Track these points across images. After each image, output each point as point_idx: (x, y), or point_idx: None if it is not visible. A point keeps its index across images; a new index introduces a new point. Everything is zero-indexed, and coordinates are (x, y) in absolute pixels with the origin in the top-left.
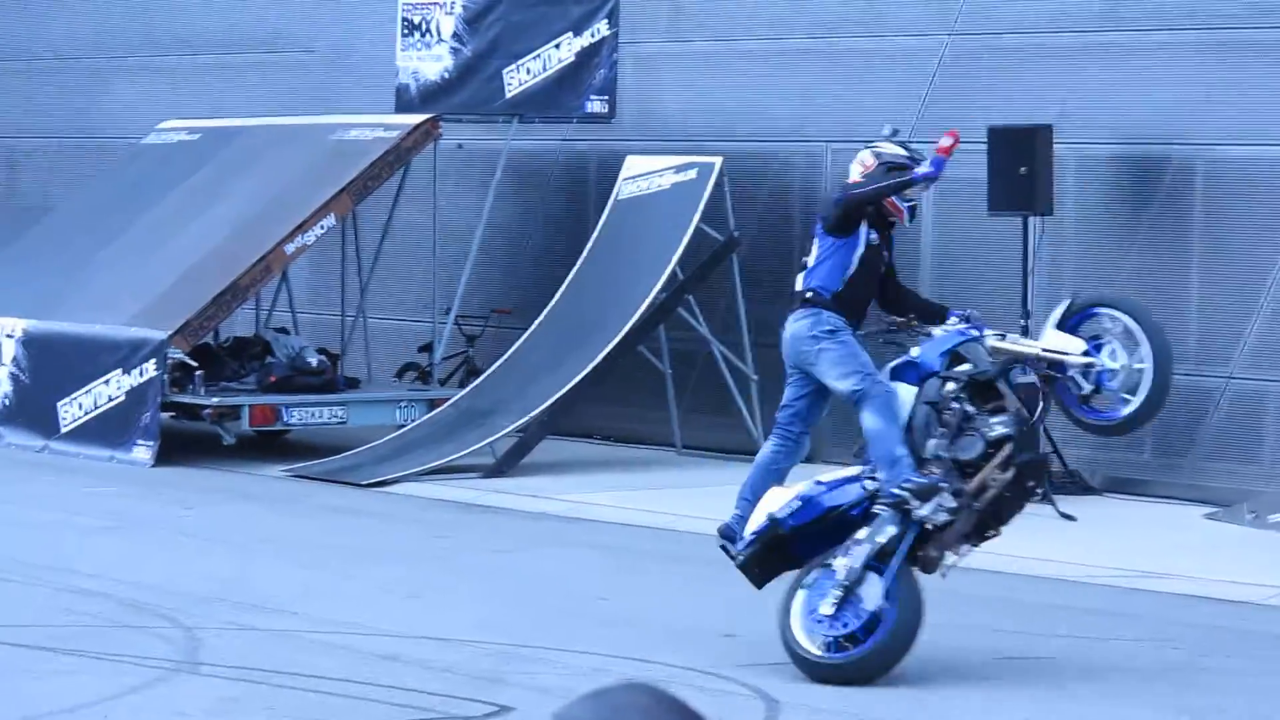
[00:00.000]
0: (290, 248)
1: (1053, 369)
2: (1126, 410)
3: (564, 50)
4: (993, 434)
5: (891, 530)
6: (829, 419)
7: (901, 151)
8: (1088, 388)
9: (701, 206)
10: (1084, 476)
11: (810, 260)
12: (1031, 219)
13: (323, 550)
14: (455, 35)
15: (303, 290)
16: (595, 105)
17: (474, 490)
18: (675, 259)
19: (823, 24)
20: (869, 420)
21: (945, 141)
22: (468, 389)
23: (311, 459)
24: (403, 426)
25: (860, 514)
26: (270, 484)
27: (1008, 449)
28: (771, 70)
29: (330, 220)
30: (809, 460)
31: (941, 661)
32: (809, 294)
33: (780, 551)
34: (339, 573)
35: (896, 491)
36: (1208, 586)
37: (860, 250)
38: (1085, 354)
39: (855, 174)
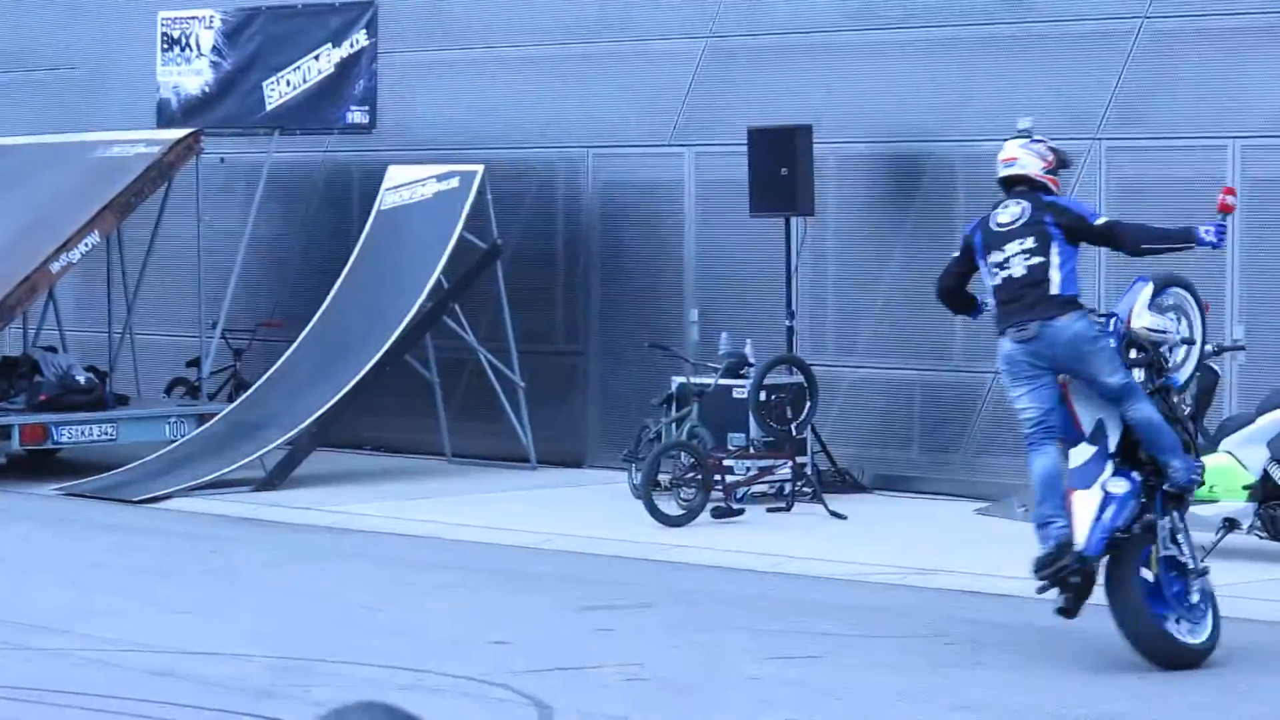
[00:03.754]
0: (55, 266)
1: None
2: (1181, 376)
3: (323, 61)
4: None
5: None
6: (598, 422)
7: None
8: (1174, 361)
9: (464, 215)
10: (854, 475)
11: (1045, 266)
12: (794, 219)
13: (95, 568)
14: (215, 49)
15: (70, 308)
16: (356, 116)
17: (245, 504)
18: (440, 268)
19: (579, 28)
20: (1145, 411)
21: (1230, 200)
22: (236, 403)
23: (83, 477)
24: (173, 442)
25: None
26: (42, 503)
27: None
28: (530, 76)
29: (94, 238)
30: (578, 464)
31: (707, 662)
32: (1070, 298)
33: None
34: (112, 590)
35: (1196, 479)
36: (980, 581)
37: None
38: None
39: (1035, 168)
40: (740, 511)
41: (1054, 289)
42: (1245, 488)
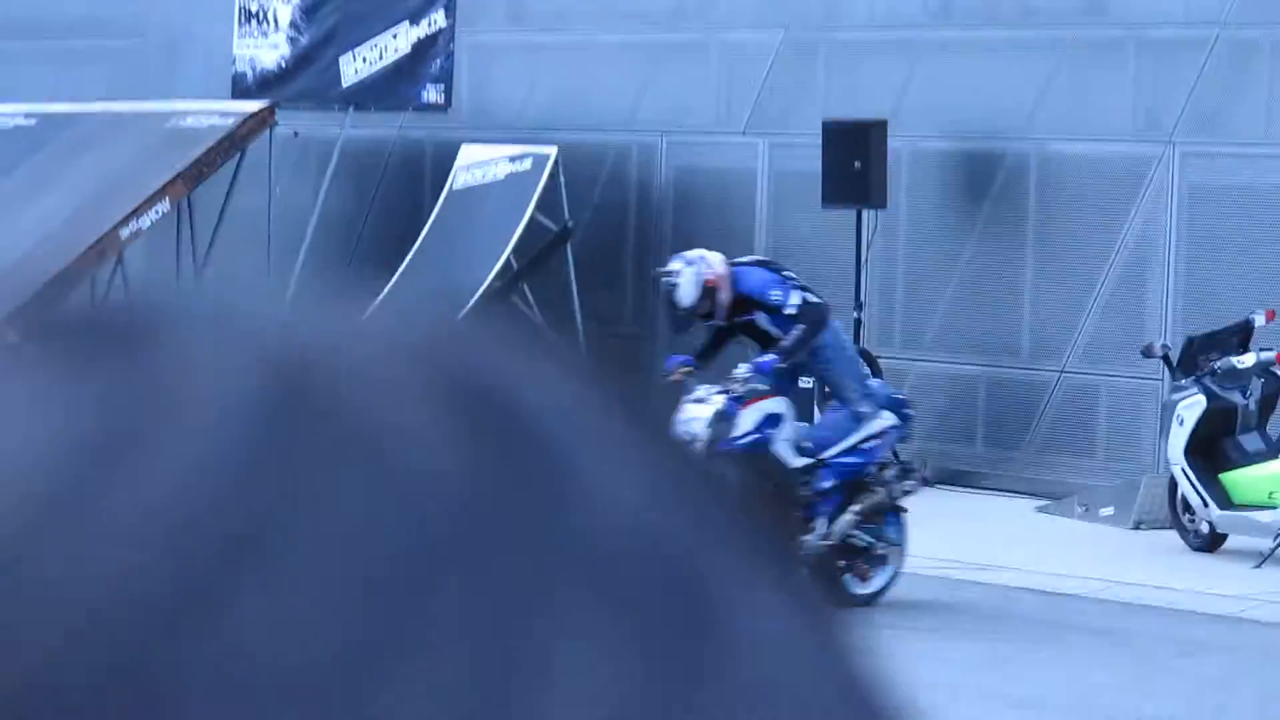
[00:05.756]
0: (125, 232)
1: None
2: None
3: (401, 40)
4: None
5: None
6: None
7: None
8: None
9: (536, 196)
10: (917, 468)
11: None
12: (865, 212)
13: None
14: (293, 24)
15: (138, 276)
16: (431, 95)
17: None
18: (510, 248)
19: (658, 15)
20: None
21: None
22: None
23: None
24: None
25: None
26: None
27: None
28: (607, 62)
29: (165, 205)
30: None
31: None
32: None
33: None
34: None
35: None
36: (1038, 579)
37: None
38: None
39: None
40: None
41: None
42: None
